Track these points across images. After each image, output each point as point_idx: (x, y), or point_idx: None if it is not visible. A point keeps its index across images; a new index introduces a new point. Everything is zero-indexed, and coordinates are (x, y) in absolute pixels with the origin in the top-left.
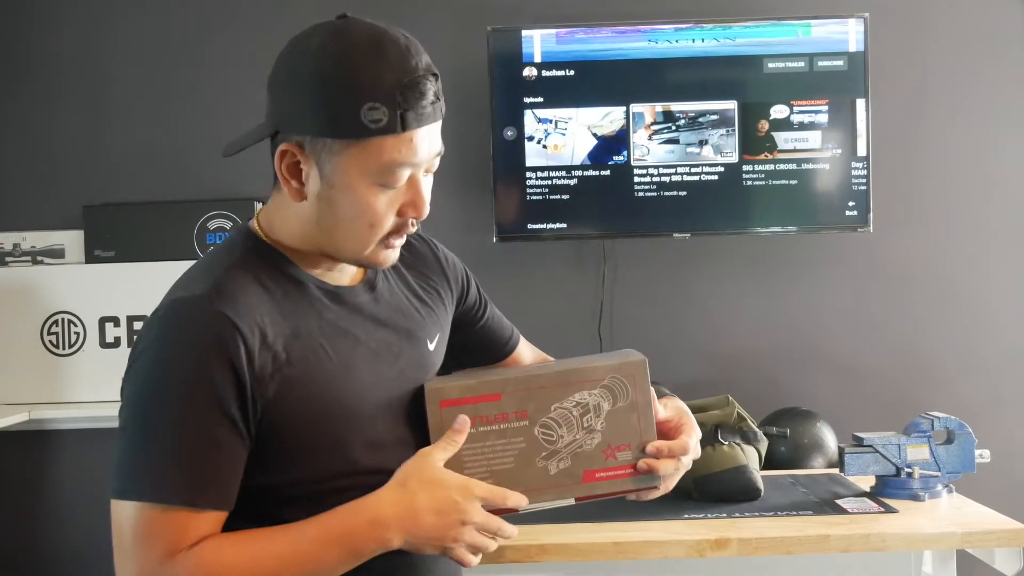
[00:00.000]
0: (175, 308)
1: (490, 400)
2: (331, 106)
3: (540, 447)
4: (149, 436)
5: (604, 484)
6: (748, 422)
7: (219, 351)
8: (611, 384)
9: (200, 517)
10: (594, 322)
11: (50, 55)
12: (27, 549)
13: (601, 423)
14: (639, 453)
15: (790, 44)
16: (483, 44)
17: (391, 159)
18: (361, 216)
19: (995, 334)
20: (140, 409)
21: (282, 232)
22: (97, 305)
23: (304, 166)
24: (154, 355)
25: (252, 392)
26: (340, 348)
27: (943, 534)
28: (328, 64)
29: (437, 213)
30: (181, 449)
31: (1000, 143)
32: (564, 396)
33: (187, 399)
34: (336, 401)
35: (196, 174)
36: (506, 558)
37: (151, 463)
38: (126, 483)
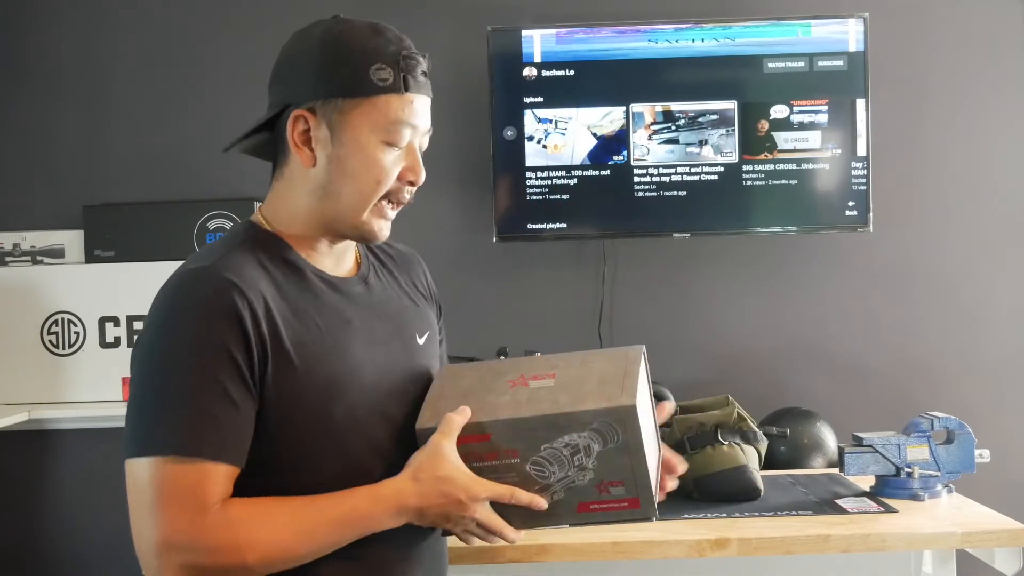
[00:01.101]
0: (183, 278)
1: (479, 440)
2: (341, 69)
3: (533, 481)
4: (167, 394)
5: (599, 515)
6: (748, 422)
7: (228, 313)
8: (600, 428)
9: (220, 471)
10: (594, 322)
11: (50, 55)
12: (27, 549)
13: (592, 462)
14: (632, 488)
15: (790, 44)
16: (483, 44)
17: (396, 116)
18: (368, 171)
19: (995, 334)
20: (155, 369)
21: (283, 219)
22: (97, 305)
23: (314, 132)
24: (166, 320)
25: (258, 355)
26: (335, 329)
27: (943, 534)
28: (334, 38)
29: (437, 213)
30: (201, 404)
31: (1000, 143)
32: (553, 438)
33: (202, 357)
34: (329, 378)
35: (196, 174)
36: (506, 558)
37: (172, 419)
38: (147, 440)
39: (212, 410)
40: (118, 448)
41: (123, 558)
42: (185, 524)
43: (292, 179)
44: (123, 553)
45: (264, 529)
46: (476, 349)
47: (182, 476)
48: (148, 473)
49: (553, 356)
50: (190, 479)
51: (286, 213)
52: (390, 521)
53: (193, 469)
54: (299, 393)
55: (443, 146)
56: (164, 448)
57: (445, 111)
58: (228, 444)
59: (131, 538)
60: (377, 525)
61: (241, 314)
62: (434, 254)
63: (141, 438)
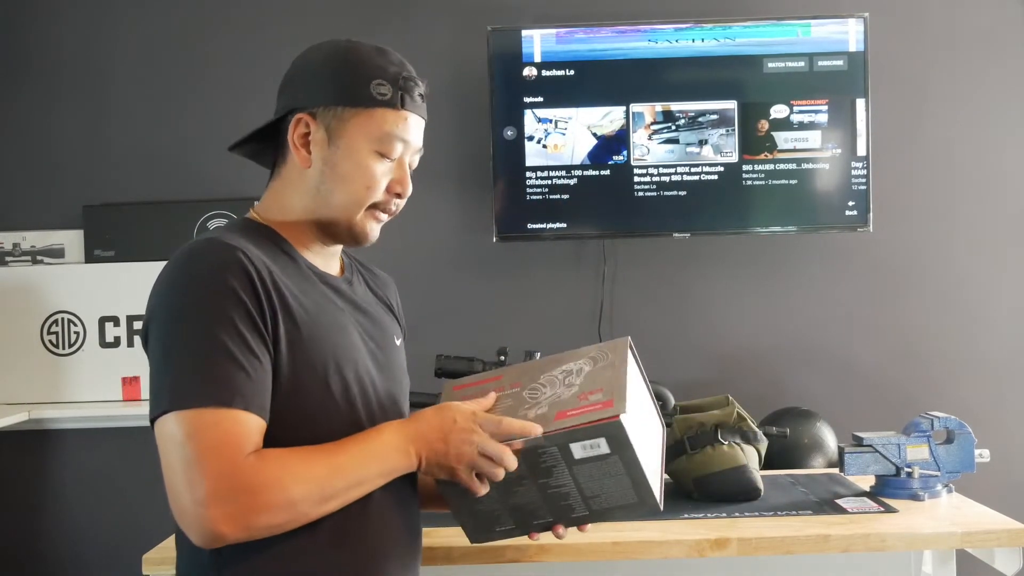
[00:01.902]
0: (192, 249)
1: (492, 380)
2: (345, 80)
3: (524, 403)
4: (193, 347)
5: (573, 419)
6: (748, 422)
7: (241, 274)
8: (596, 355)
9: (253, 422)
10: (594, 322)
11: (50, 55)
12: (27, 549)
13: (580, 380)
14: (610, 393)
15: (790, 44)
16: (483, 44)
17: (390, 130)
18: (360, 177)
19: (995, 334)
20: (178, 325)
21: (278, 215)
22: (97, 305)
23: (313, 135)
24: (181, 282)
25: (270, 313)
26: (332, 311)
27: (943, 534)
28: (343, 53)
29: (437, 213)
30: (230, 356)
31: (1000, 142)
32: (554, 367)
33: (224, 310)
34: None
35: (196, 174)
36: (506, 558)
37: (201, 371)
38: (179, 394)
39: (238, 360)
40: (118, 448)
41: (123, 558)
42: (229, 469)
43: (289, 179)
44: (123, 553)
45: (302, 465)
46: (476, 349)
47: (220, 424)
48: (185, 426)
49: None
50: (228, 427)
51: (280, 210)
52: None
53: (229, 417)
54: (306, 360)
55: (443, 146)
56: (198, 400)
57: (445, 111)
58: (256, 397)
59: (131, 538)
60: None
61: (249, 271)
62: (434, 254)
63: (172, 393)
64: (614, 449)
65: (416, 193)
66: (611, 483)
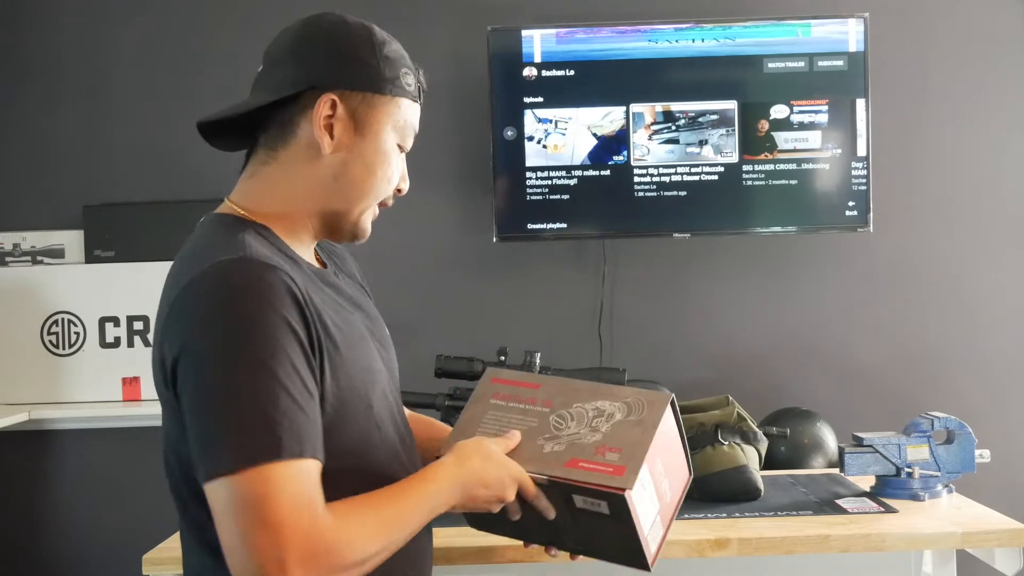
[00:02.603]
0: (218, 272)
1: (530, 387)
2: (376, 64)
3: (547, 430)
4: (253, 394)
5: (582, 473)
6: (748, 422)
7: (289, 300)
8: (632, 402)
9: (318, 468)
10: (594, 322)
11: (50, 55)
12: (27, 549)
13: (607, 427)
14: (626, 459)
15: (790, 44)
16: (483, 44)
17: (410, 122)
18: (382, 168)
19: (995, 334)
20: (231, 370)
21: (269, 207)
22: (97, 305)
23: (339, 118)
24: (221, 315)
25: (317, 340)
26: (351, 319)
27: (943, 534)
28: (362, 33)
29: (437, 213)
30: (291, 398)
31: (1000, 143)
32: (589, 400)
33: (276, 346)
34: (366, 364)
35: (196, 174)
36: (506, 558)
37: (269, 419)
38: (248, 449)
39: (298, 402)
40: (118, 448)
41: (123, 558)
42: (309, 530)
43: (292, 165)
44: (123, 553)
45: (370, 522)
46: (476, 349)
47: (293, 480)
48: (256, 485)
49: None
50: (302, 481)
51: (272, 201)
52: (451, 498)
53: (301, 469)
54: (348, 383)
55: (443, 146)
56: (269, 454)
57: (445, 111)
58: (317, 439)
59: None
60: (437, 505)
61: (295, 294)
62: (434, 254)
63: (237, 449)
64: (614, 514)
65: (416, 193)
66: (605, 535)
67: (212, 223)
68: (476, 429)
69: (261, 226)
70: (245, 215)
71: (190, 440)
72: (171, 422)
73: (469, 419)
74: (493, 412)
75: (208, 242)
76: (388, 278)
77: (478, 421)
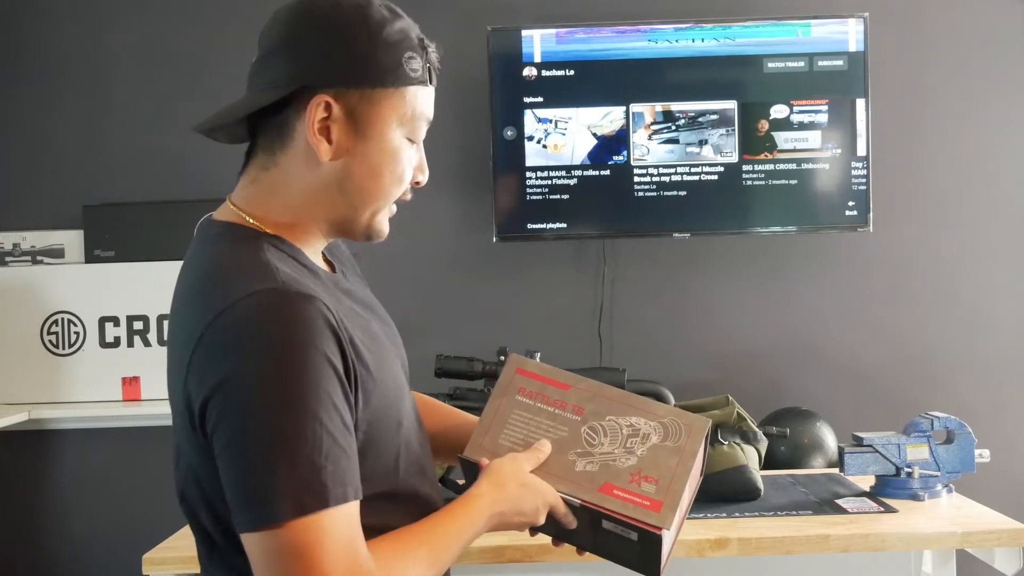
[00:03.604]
0: (254, 304)
1: (559, 387)
2: (373, 54)
3: (578, 443)
4: (297, 439)
5: (616, 502)
6: (748, 422)
7: (329, 334)
8: (669, 424)
9: (358, 508)
10: (594, 322)
11: (50, 55)
12: (27, 549)
13: (643, 450)
14: (663, 493)
15: (790, 44)
16: (483, 44)
17: (421, 110)
18: (391, 169)
19: (995, 334)
20: (274, 414)
21: (278, 213)
22: (97, 305)
23: (336, 120)
24: (268, 356)
25: (353, 371)
26: (370, 330)
27: (943, 534)
28: (356, 16)
29: (437, 213)
30: (333, 440)
31: (1000, 142)
32: (623, 413)
33: (318, 386)
34: (393, 382)
35: (196, 174)
36: (506, 558)
37: (314, 465)
38: (298, 498)
39: (339, 442)
40: (118, 448)
41: (123, 558)
42: (349, 570)
43: (293, 170)
44: (123, 553)
45: (410, 560)
46: (476, 349)
47: (338, 526)
48: (303, 534)
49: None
50: (345, 525)
51: (280, 208)
52: (485, 528)
53: (345, 514)
54: (380, 405)
55: (443, 146)
56: (317, 502)
57: (445, 111)
58: (356, 476)
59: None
60: (475, 534)
61: (334, 327)
62: (434, 254)
63: (284, 498)
64: (641, 541)
65: (416, 193)
66: (623, 549)
67: (224, 237)
68: (502, 431)
69: (276, 238)
70: (256, 225)
71: (226, 485)
72: (196, 458)
73: (494, 416)
74: (519, 412)
75: (230, 264)
76: (388, 278)
77: (504, 421)
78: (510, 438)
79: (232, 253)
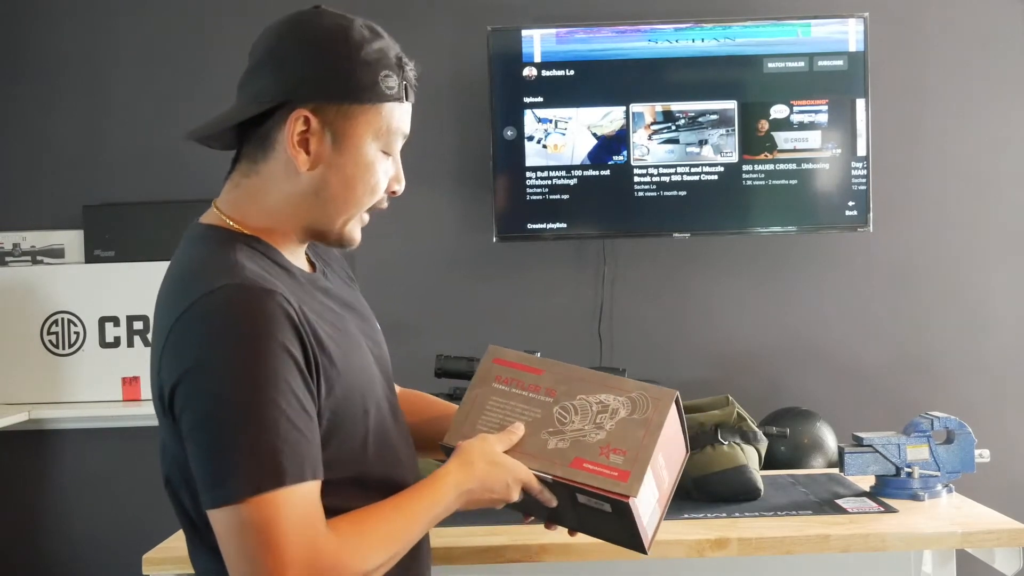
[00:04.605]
0: (218, 298)
1: (533, 372)
2: (351, 72)
3: (551, 423)
4: (255, 424)
5: (586, 475)
6: (748, 422)
7: (283, 322)
8: (637, 398)
9: (318, 488)
10: (594, 322)
11: (50, 55)
12: (27, 549)
13: (611, 424)
14: (631, 463)
15: (790, 44)
16: (483, 44)
17: (397, 126)
18: (364, 180)
19: (995, 334)
20: (232, 400)
21: (256, 218)
22: (97, 305)
23: (314, 133)
24: (222, 343)
25: (314, 359)
26: (344, 326)
27: (943, 534)
28: (338, 36)
29: (437, 213)
30: (291, 423)
31: (1000, 142)
32: (593, 392)
33: (276, 373)
34: (361, 372)
35: (196, 174)
36: (506, 557)
37: (272, 446)
38: (255, 476)
39: (297, 426)
40: (118, 448)
41: (123, 558)
42: (312, 553)
43: (273, 179)
44: (123, 553)
45: (371, 537)
46: (476, 349)
47: (296, 503)
48: (262, 511)
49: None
50: (303, 504)
51: (258, 212)
52: (454, 505)
53: (302, 493)
54: (344, 394)
55: (443, 146)
56: (273, 481)
57: (445, 111)
58: (317, 458)
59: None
60: (443, 511)
61: (293, 319)
62: (434, 254)
63: (242, 477)
64: (616, 512)
65: (416, 193)
66: (606, 524)
67: (202, 238)
68: (479, 417)
69: (253, 238)
70: (235, 228)
71: (193, 467)
72: (173, 443)
73: (472, 403)
74: (496, 399)
75: (202, 263)
76: (388, 278)
77: (482, 408)
78: (487, 424)
79: (206, 253)
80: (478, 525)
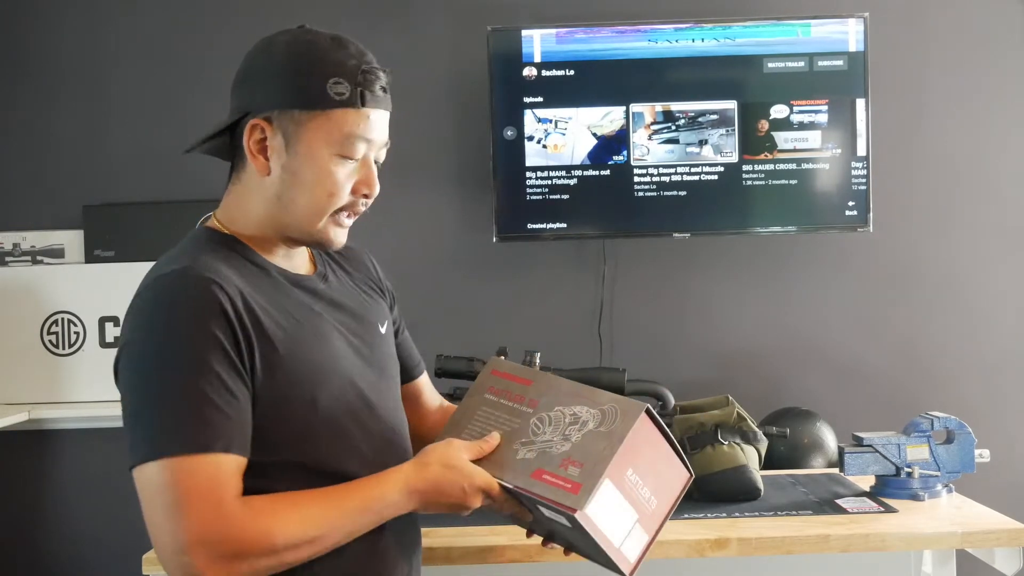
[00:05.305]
0: (161, 281)
1: (522, 383)
2: (300, 81)
3: (524, 434)
4: (169, 393)
5: (542, 486)
6: (748, 422)
7: (214, 307)
8: (608, 410)
9: (232, 463)
10: (594, 322)
11: (50, 55)
12: (27, 549)
13: (578, 437)
14: (585, 476)
15: (790, 44)
16: (483, 44)
17: (351, 130)
18: (321, 184)
19: (995, 334)
20: (152, 370)
21: (240, 222)
22: (97, 305)
23: (270, 141)
24: (154, 324)
25: (245, 345)
26: (310, 319)
27: (943, 534)
28: (297, 49)
29: (437, 213)
30: (204, 399)
31: (1000, 143)
32: (569, 403)
33: (197, 352)
34: (313, 363)
35: (196, 174)
36: (506, 558)
37: (179, 417)
38: (158, 442)
39: (215, 403)
40: (118, 448)
41: (123, 558)
42: (211, 516)
43: (248, 185)
44: (123, 553)
45: (287, 515)
46: (476, 349)
47: (200, 471)
48: (164, 474)
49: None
50: (208, 473)
51: (243, 217)
52: (402, 504)
53: (209, 462)
54: (286, 380)
55: (443, 146)
56: (177, 447)
57: (445, 111)
58: (235, 435)
59: (131, 537)
60: (387, 508)
61: (225, 307)
62: (434, 254)
63: (150, 442)
64: (575, 527)
65: (416, 193)
66: (582, 541)
67: (191, 237)
68: (467, 427)
69: (234, 240)
70: (221, 228)
71: None
72: None
73: (463, 413)
74: (485, 409)
75: (170, 255)
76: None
77: (470, 417)
78: (471, 433)
79: (181, 248)
80: (478, 525)
